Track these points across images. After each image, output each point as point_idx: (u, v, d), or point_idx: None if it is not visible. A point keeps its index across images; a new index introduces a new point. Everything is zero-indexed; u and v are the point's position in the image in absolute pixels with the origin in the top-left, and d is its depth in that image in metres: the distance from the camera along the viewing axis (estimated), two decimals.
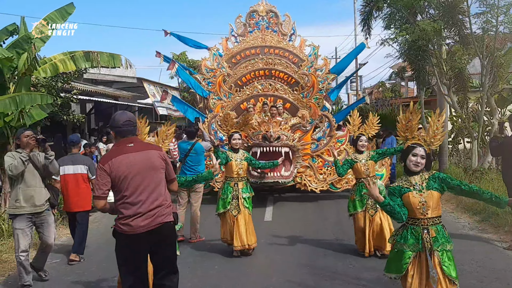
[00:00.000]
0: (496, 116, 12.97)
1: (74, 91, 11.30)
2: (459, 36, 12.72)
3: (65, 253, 7.02)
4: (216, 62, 12.37)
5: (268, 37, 12.86)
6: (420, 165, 3.84)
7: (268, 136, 9.91)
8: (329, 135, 11.15)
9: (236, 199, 6.66)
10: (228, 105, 11.85)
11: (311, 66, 12.17)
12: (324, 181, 10.96)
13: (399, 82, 30.66)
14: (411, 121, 4.16)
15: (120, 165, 3.69)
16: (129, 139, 3.83)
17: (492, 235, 7.64)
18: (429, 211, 3.78)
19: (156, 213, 3.73)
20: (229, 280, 5.73)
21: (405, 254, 3.81)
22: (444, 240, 3.79)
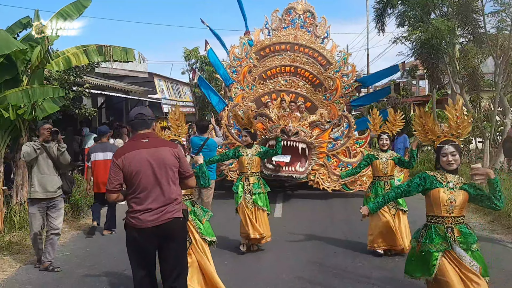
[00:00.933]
0: (509, 116, 12.85)
1: (86, 85, 11.34)
2: (473, 35, 12.61)
3: (75, 246, 7.06)
4: (244, 52, 12.38)
5: (301, 35, 12.82)
6: (453, 162, 3.72)
7: (286, 130, 9.91)
8: (347, 136, 11.16)
9: (249, 194, 6.67)
10: (250, 96, 11.89)
11: (338, 70, 12.17)
12: (337, 181, 10.91)
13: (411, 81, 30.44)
14: (426, 124, 3.95)
15: (133, 161, 3.73)
16: (144, 135, 3.86)
17: (503, 236, 7.59)
18: (456, 210, 3.70)
19: (165, 209, 3.77)
20: (239, 277, 5.74)
21: (432, 255, 3.69)
22: (471, 239, 3.69)
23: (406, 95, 26.87)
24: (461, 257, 3.64)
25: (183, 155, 4.00)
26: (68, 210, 8.80)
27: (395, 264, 6.11)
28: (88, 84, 11.48)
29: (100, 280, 5.69)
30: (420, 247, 3.80)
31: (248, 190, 6.68)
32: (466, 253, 3.65)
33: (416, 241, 3.87)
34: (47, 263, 6.05)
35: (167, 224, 3.77)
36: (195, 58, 29.40)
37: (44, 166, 6.02)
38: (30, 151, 5.89)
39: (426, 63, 13.30)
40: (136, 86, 19.73)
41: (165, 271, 3.90)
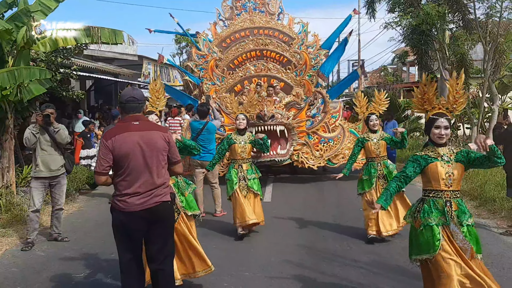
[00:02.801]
0: (497, 103, 12.97)
1: (74, 67, 11.17)
2: (463, 21, 12.64)
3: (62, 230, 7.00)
4: (206, 48, 12.28)
5: (257, 18, 12.78)
6: (445, 136, 3.71)
7: (262, 115, 9.91)
8: (323, 111, 11.20)
9: (244, 180, 6.65)
10: (222, 88, 11.82)
11: (302, 43, 12.17)
12: (321, 157, 10.99)
13: (401, 67, 30.53)
14: (427, 93, 3.89)
15: (124, 143, 3.66)
16: (135, 117, 3.80)
17: (488, 221, 7.68)
18: (454, 183, 3.68)
19: (153, 193, 3.74)
20: (228, 259, 5.76)
21: (434, 229, 3.62)
22: (468, 214, 3.69)
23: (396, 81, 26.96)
24: (454, 234, 3.63)
25: (173, 140, 3.96)
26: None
27: (384, 248, 6.17)
28: (76, 66, 11.29)
29: (87, 263, 5.66)
30: (419, 222, 3.72)
31: (242, 176, 6.66)
32: (461, 229, 3.63)
33: (413, 217, 3.82)
34: (55, 234, 6.62)
35: (155, 207, 3.75)
36: (186, 41, 29.15)
37: (46, 146, 6.38)
38: (30, 136, 6.31)
39: (416, 49, 13.30)
40: (125, 69, 19.51)
41: (152, 254, 3.88)
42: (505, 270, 5.38)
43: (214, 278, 5.08)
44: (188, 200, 4.85)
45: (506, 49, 12.73)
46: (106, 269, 5.43)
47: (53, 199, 6.63)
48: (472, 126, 13.66)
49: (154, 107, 4.95)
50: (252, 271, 5.34)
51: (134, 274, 3.83)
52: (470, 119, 13.75)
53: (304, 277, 5.14)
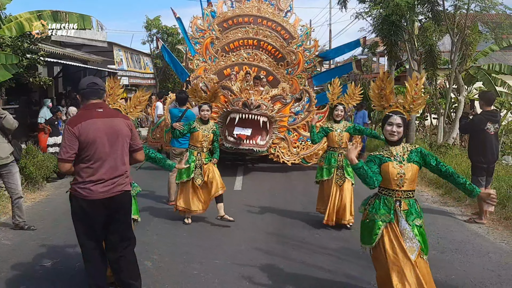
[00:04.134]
0: (463, 93, 13.25)
1: (41, 52, 10.91)
2: (431, 12, 12.83)
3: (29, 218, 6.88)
4: (207, 23, 12.17)
5: (264, 8, 12.75)
6: (396, 134, 3.69)
7: (248, 104, 9.90)
8: (307, 110, 11.26)
9: (199, 168, 6.65)
10: (212, 68, 11.77)
11: (300, 45, 12.17)
12: (297, 154, 11.07)
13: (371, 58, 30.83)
14: (384, 89, 3.85)
15: (90, 129, 3.64)
16: (98, 104, 3.79)
17: (453, 208, 7.91)
18: (406, 184, 3.69)
19: (117, 181, 3.76)
20: (198, 247, 5.77)
21: (375, 224, 3.72)
22: (416, 215, 3.71)
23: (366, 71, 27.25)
24: (404, 231, 3.66)
25: (134, 127, 3.97)
26: (22, 181, 8.56)
27: (351, 235, 6.29)
28: (43, 52, 11.03)
29: (54, 251, 5.59)
30: (366, 215, 3.84)
31: (199, 164, 6.66)
32: (410, 228, 3.66)
33: (364, 208, 3.91)
34: (22, 223, 6.49)
35: (118, 196, 3.78)
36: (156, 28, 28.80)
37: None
38: None
39: (386, 39, 13.47)
40: (94, 56, 19.15)
41: (113, 243, 3.88)
42: (469, 256, 5.56)
43: (183, 266, 5.11)
44: None
45: (472, 41, 13.00)
46: (74, 257, 5.36)
47: (9, 189, 6.45)
48: (439, 116, 13.94)
49: (127, 112, 4.73)
50: (222, 259, 5.37)
51: (99, 262, 3.84)
52: (437, 109, 14.04)
53: (273, 264, 5.20)
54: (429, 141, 13.74)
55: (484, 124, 6.89)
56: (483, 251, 5.75)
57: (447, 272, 5.02)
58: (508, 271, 5.12)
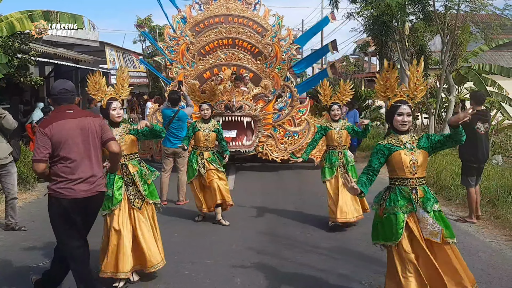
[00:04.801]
0: (453, 93, 13.35)
1: (32, 52, 10.85)
2: (422, 13, 12.92)
3: (20, 218, 6.85)
4: (179, 30, 12.14)
5: (232, 5, 12.69)
6: (407, 123, 3.72)
7: (230, 106, 9.92)
8: (290, 105, 11.27)
9: (203, 168, 6.66)
10: (191, 74, 11.73)
11: (275, 36, 12.16)
12: (285, 150, 11.10)
13: (363, 57, 30.97)
14: (389, 79, 3.86)
15: (62, 129, 3.74)
16: (68, 106, 3.88)
17: (443, 208, 7.89)
18: (419, 170, 3.68)
19: (96, 181, 3.87)
20: (189, 247, 5.78)
21: (398, 217, 3.64)
22: (433, 200, 3.68)
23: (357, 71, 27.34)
24: (424, 219, 3.62)
25: (105, 124, 4.12)
26: None
27: (343, 234, 6.33)
28: (34, 52, 10.97)
29: (45, 252, 5.56)
30: (384, 210, 3.74)
31: (202, 164, 6.67)
32: (429, 215, 3.63)
33: (378, 204, 3.82)
34: (13, 224, 6.46)
35: (97, 196, 3.90)
36: (148, 28, 28.74)
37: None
38: None
39: (377, 39, 13.53)
40: (86, 55, 19.08)
41: None
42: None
43: (175, 266, 5.11)
44: (151, 188, 4.79)
45: (463, 41, 13.10)
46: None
47: (5, 189, 6.45)
48: (430, 116, 14.04)
49: (118, 94, 4.80)
50: (213, 258, 5.39)
51: (84, 259, 3.93)
52: (428, 109, 14.14)
53: (265, 263, 5.22)
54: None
55: (474, 123, 6.87)
56: (473, 250, 5.80)
57: None
58: (497, 269, 5.17)
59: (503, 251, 5.81)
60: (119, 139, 4.59)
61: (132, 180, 4.66)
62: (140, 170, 4.76)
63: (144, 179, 4.74)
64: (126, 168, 4.67)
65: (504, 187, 8.02)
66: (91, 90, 4.73)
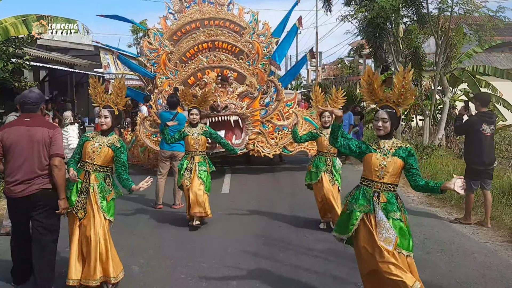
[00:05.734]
0: (448, 95, 13.40)
1: (27, 57, 10.83)
2: (416, 15, 12.98)
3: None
4: (157, 42, 12.15)
5: (206, 9, 12.72)
6: (381, 128, 3.73)
7: (215, 106, 9.91)
8: (276, 100, 11.24)
9: (189, 171, 6.64)
10: (176, 81, 11.71)
11: (253, 33, 12.17)
12: (276, 145, 11.08)
13: (358, 60, 31.06)
14: (372, 84, 3.85)
15: (10, 135, 4.25)
16: (27, 115, 4.33)
17: (439, 209, 7.99)
18: (386, 176, 3.71)
19: (33, 181, 4.25)
20: (184, 250, 5.78)
21: (353, 214, 3.76)
22: (395, 208, 3.70)
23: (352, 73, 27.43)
24: (381, 222, 3.66)
25: (57, 137, 4.36)
26: None
27: None
28: (28, 56, 10.96)
29: None
30: (346, 206, 3.90)
31: (190, 168, 6.66)
32: (387, 220, 3.66)
33: (345, 199, 3.96)
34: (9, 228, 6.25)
35: (36, 194, 4.26)
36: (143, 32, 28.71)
37: None
38: None
39: (371, 42, 13.58)
40: (81, 60, 19.06)
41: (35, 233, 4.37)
42: (454, 256, 5.61)
43: (170, 270, 5.11)
44: (109, 205, 4.54)
45: (457, 43, 13.17)
46: (60, 264, 5.31)
47: None
48: (424, 118, 14.09)
49: (114, 103, 4.69)
50: (208, 261, 5.38)
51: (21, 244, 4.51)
52: (422, 111, 14.18)
53: (260, 266, 5.22)
54: (415, 142, 13.86)
55: (479, 125, 6.77)
56: (468, 251, 5.82)
57: (433, 273, 5.06)
58: (492, 270, 5.18)
59: (498, 252, 5.83)
60: (97, 147, 4.52)
61: (86, 190, 4.46)
62: (101, 184, 4.53)
63: (103, 195, 4.52)
64: (87, 176, 4.50)
65: (499, 188, 8.06)
66: (92, 93, 4.77)
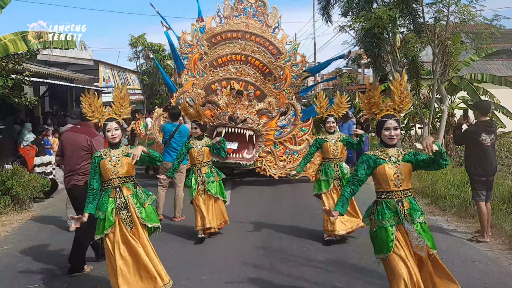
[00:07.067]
0: (446, 103, 13.42)
1: (26, 72, 10.88)
2: (413, 24, 13.05)
3: (15, 239, 6.85)
4: (196, 38, 12.27)
5: (252, 23, 12.85)
6: (395, 137, 3.80)
7: (234, 118, 9.97)
8: (293, 124, 11.36)
9: (202, 184, 6.68)
10: (200, 83, 11.84)
11: (288, 60, 12.30)
12: (283, 168, 11.12)
13: (356, 69, 31.15)
14: (373, 97, 3.94)
15: (65, 138, 5.83)
16: (80, 123, 5.73)
17: (439, 217, 7.98)
18: (404, 183, 3.76)
19: (71, 177, 5.59)
20: (185, 263, 5.78)
21: (387, 230, 3.72)
22: (419, 211, 3.77)
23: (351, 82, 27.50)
24: (409, 232, 3.71)
25: (96, 144, 5.56)
26: (8, 202, 8.52)
27: (339, 247, 6.32)
28: (28, 72, 11.00)
29: (42, 273, 5.55)
30: (374, 224, 3.83)
31: (201, 181, 6.69)
32: (414, 227, 3.71)
33: (369, 218, 3.92)
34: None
35: (71, 188, 5.62)
36: (141, 46, 28.84)
37: None
38: None
39: (369, 51, 13.64)
40: (80, 74, 19.14)
41: None
42: (454, 265, 5.59)
43: None
44: (148, 211, 4.58)
45: (454, 51, 13.22)
46: (61, 278, 5.35)
47: None
48: (423, 126, 14.11)
49: (118, 114, 4.64)
50: (209, 274, 5.38)
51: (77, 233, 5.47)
52: (421, 119, 14.21)
53: (261, 278, 5.22)
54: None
55: (479, 135, 6.56)
56: (468, 259, 5.82)
57: None
58: (493, 278, 5.18)
59: (499, 260, 5.82)
60: (116, 160, 4.51)
61: (124, 204, 4.50)
62: (136, 193, 4.59)
63: (140, 202, 4.57)
64: (120, 191, 4.52)
65: (499, 196, 8.04)
66: (87, 112, 4.58)
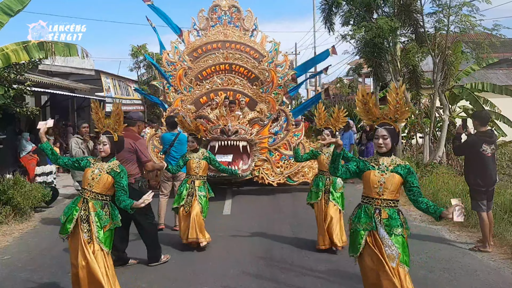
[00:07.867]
0: (446, 112, 13.43)
1: (28, 82, 10.92)
2: (415, 34, 13.11)
3: (16, 249, 6.83)
4: (177, 55, 12.30)
5: (230, 32, 12.88)
6: (382, 145, 3.83)
7: (226, 130, 9.98)
8: (286, 129, 11.37)
9: (191, 196, 6.64)
10: (188, 98, 11.84)
11: (271, 61, 12.33)
12: (281, 174, 11.15)
13: (357, 78, 31.22)
14: (367, 103, 3.95)
15: None
16: (127, 128, 5.63)
17: (441, 227, 7.94)
18: (386, 192, 3.79)
19: None
20: (186, 272, 5.76)
21: (359, 233, 3.84)
22: (397, 224, 3.77)
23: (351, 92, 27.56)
24: (383, 239, 3.76)
25: (140, 147, 6.08)
26: (9, 212, 8.51)
27: (340, 257, 6.29)
28: (29, 82, 11.05)
29: (42, 283, 5.54)
30: (351, 226, 3.98)
31: (192, 192, 6.66)
32: (389, 236, 3.74)
33: (349, 219, 4.04)
34: None
35: None
36: (143, 56, 28.98)
37: None
38: None
39: (370, 61, 13.69)
40: (82, 84, 19.20)
41: None
42: (456, 275, 5.59)
43: None
44: (105, 235, 4.47)
45: (454, 60, 13.26)
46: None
47: None
48: (424, 135, 14.12)
49: (113, 130, 4.71)
50: (210, 284, 5.37)
51: None
52: (422, 129, 14.22)
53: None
54: (416, 160, 13.86)
55: (479, 145, 6.50)
56: (470, 269, 5.79)
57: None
58: None
59: (501, 270, 5.80)
60: (96, 174, 4.51)
61: (87, 217, 4.43)
62: (98, 213, 4.47)
63: (100, 224, 4.46)
64: (86, 204, 4.48)
65: (500, 205, 8.02)
66: (94, 118, 4.74)
